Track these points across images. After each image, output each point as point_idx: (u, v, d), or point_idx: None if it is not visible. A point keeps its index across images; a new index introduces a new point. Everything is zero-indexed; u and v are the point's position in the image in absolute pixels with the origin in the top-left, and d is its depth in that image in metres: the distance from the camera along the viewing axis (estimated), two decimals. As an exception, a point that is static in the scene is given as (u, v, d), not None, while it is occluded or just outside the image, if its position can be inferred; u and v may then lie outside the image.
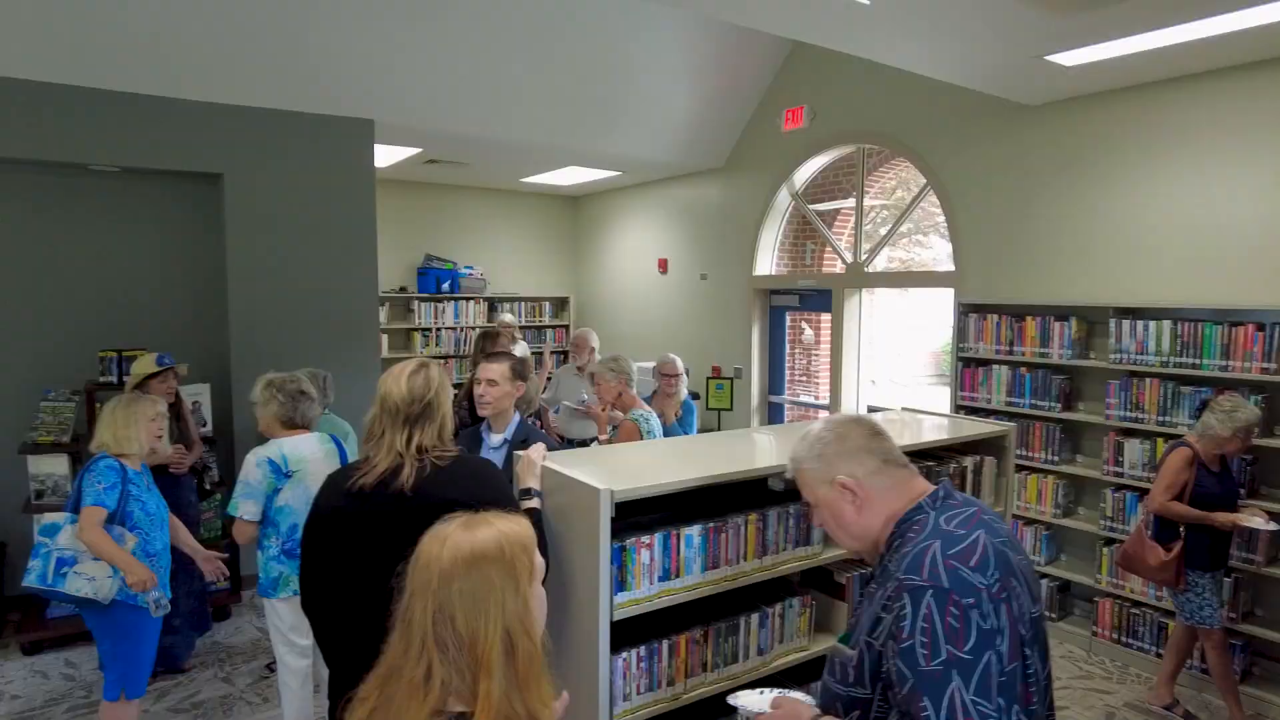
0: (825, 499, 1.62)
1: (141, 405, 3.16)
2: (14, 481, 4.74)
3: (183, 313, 5.50)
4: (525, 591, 1.29)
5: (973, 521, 1.48)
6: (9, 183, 5.00)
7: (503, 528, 1.32)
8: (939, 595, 1.36)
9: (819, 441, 1.64)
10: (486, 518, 1.34)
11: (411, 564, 1.31)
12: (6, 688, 4.14)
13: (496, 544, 1.29)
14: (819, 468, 1.63)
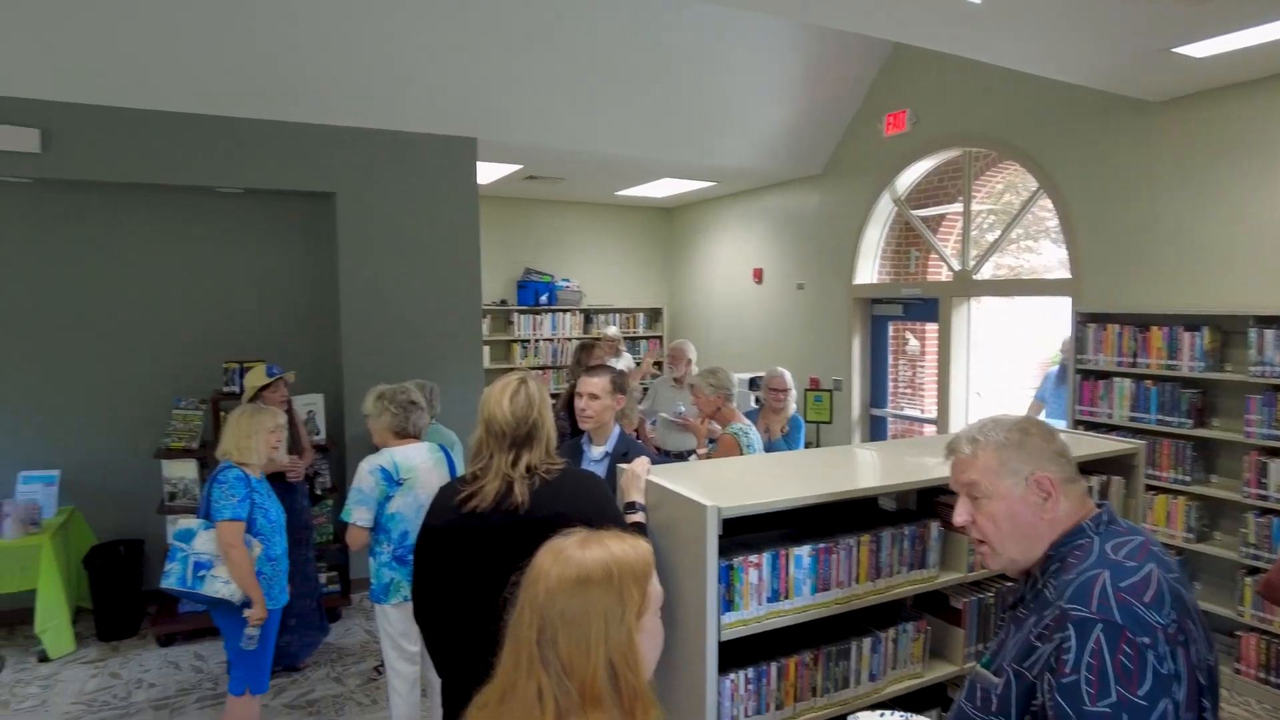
0: (1007, 493, 1.47)
1: (263, 417, 3.32)
2: (150, 484, 5.07)
3: (299, 326, 5.78)
4: (631, 623, 1.22)
5: (1143, 553, 1.37)
6: (146, 206, 5.36)
7: (617, 551, 1.26)
8: (1110, 630, 1.25)
9: (1023, 431, 1.51)
10: (604, 539, 1.28)
11: (527, 574, 1.28)
12: (144, 676, 4.42)
13: (605, 568, 1.23)
14: (1020, 456, 1.48)
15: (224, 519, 3.07)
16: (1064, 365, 5.78)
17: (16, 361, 5.11)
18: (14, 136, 4.62)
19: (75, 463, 5.12)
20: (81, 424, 5.20)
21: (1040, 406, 6.04)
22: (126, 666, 4.55)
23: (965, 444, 1.54)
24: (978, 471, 1.51)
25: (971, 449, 1.53)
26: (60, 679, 4.41)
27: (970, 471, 1.52)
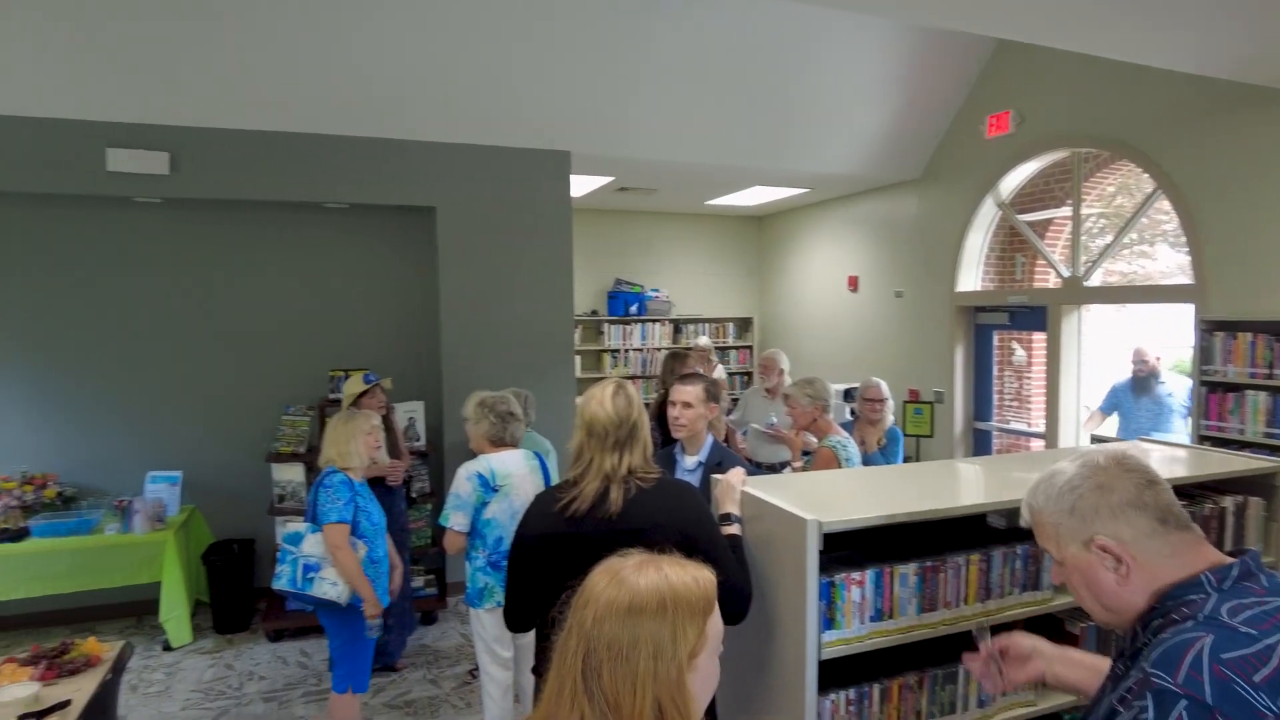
0: (1076, 561, 1.31)
1: (358, 421, 3.43)
2: (261, 486, 5.32)
3: (401, 335, 5.98)
4: (683, 661, 1.11)
5: (1272, 621, 1.12)
6: (261, 222, 5.66)
7: (675, 580, 1.15)
8: (1196, 711, 1.04)
9: (1072, 490, 1.32)
10: (662, 564, 1.18)
11: (578, 594, 1.19)
12: (255, 669, 4.64)
13: (659, 598, 1.12)
14: (1071, 524, 1.31)
15: (330, 522, 3.18)
16: (1136, 376, 5.46)
17: (147, 370, 5.46)
18: (147, 160, 4.95)
19: (195, 464, 5.42)
20: (201, 428, 5.51)
21: (1100, 419, 5.72)
22: (239, 659, 4.78)
23: (1025, 511, 1.41)
24: (1043, 540, 1.37)
25: (1030, 517, 1.40)
26: (181, 667, 4.67)
27: (1039, 538, 1.39)
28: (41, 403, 5.29)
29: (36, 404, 5.28)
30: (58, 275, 5.30)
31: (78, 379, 5.34)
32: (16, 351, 5.24)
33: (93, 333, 5.37)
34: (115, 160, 4.89)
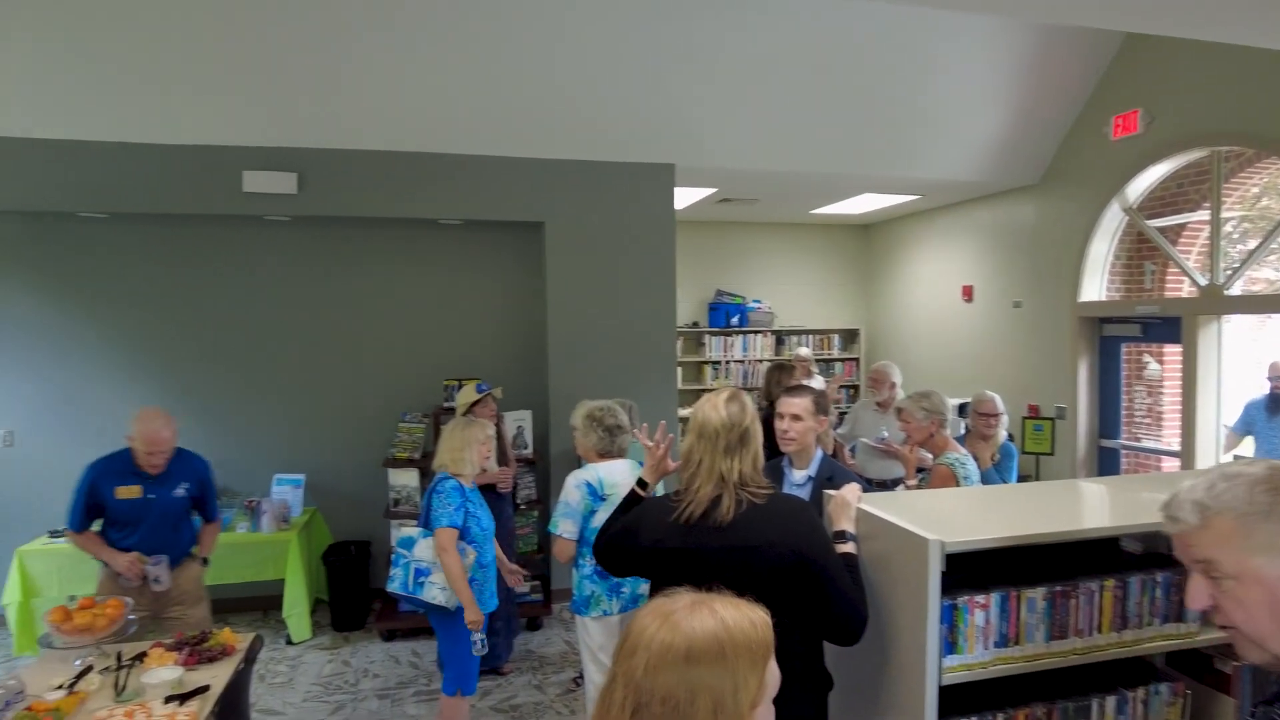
0: (1261, 575, 1.10)
1: (474, 430, 3.53)
2: (377, 490, 5.56)
3: (511, 346, 6.14)
4: (744, 713, 1.02)
5: None
6: (379, 238, 5.93)
7: (732, 622, 1.06)
8: None
9: (1269, 488, 1.12)
10: (715, 604, 1.08)
11: (624, 638, 1.09)
12: (370, 666, 4.83)
13: (717, 643, 1.04)
14: (1269, 528, 1.10)
15: (441, 526, 3.29)
16: (1275, 393, 5.06)
17: (274, 378, 5.80)
18: (276, 181, 5.28)
19: (317, 468, 5.71)
20: (323, 434, 5.80)
21: (1236, 440, 5.26)
22: (355, 656, 4.99)
23: (1190, 510, 1.17)
24: (1213, 547, 1.14)
25: (1200, 517, 1.15)
26: (303, 661, 4.91)
27: (1202, 546, 1.15)
28: (181, 407, 5.66)
29: (177, 409, 5.63)
30: (197, 289, 5.71)
31: (214, 386, 5.72)
32: (161, 360, 5.66)
33: (227, 342, 5.75)
34: (250, 181, 5.24)
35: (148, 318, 5.65)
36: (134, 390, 5.61)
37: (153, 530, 3.59)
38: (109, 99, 4.92)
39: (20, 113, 4.92)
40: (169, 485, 3.65)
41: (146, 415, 3.58)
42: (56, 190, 5.10)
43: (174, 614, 3.65)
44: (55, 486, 5.48)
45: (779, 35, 5.26)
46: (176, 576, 3.65)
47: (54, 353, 5.52)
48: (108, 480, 3.57)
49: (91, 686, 2.91)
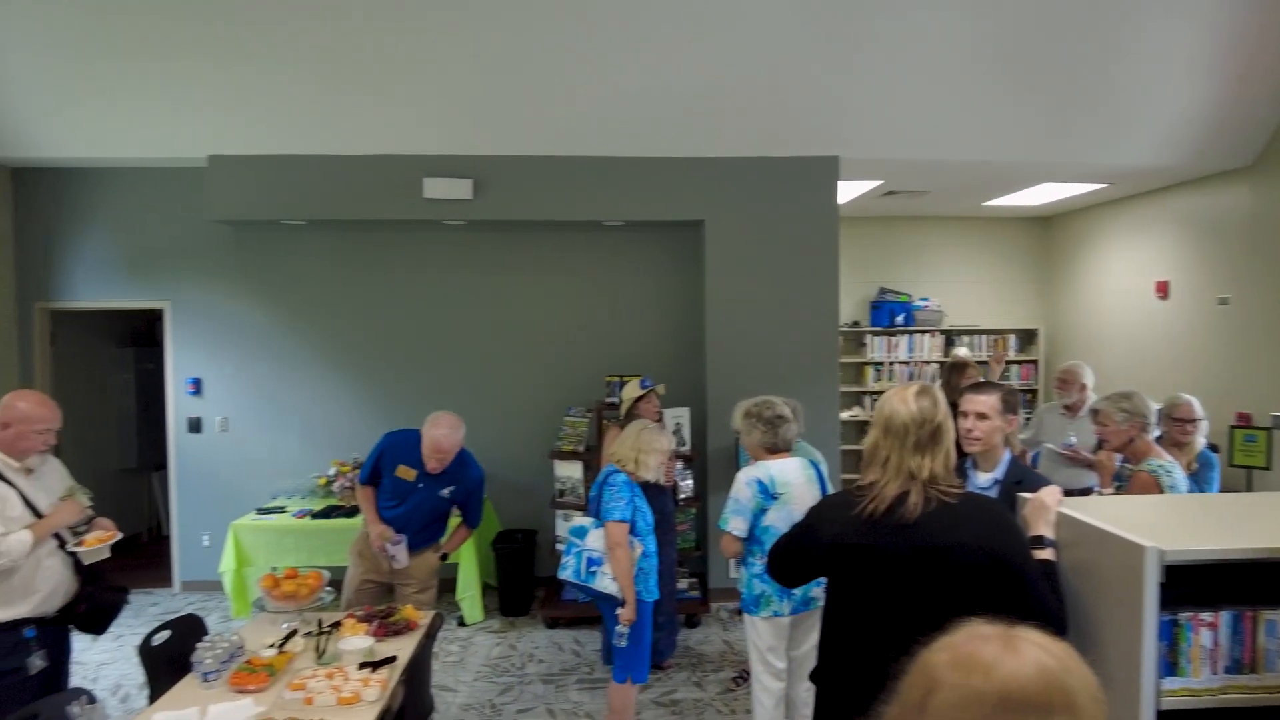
0: None
1: (660, 439, 3.59)
2: (543, 481, 5.77)
3: (670, 343, 6.20)
4: None
5: None
6: (547, 240, 6.15)
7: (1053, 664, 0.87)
8: None
9: None
10: (1024, 641, 0.90)
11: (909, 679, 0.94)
12: (535, 651, 5.01)
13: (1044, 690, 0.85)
14: None
15: (612, 519, 3.35)
16: None
17: (450, 374, 6.15)
18: (454, 187, 5.59)
19: (488, 458, 5.92)
20: (493, 426, 6.05)
21: None
22: (521, 641, 5.19)
23: None
24: None
25: None
26: (473, 642, 5.16)
27: None
28: (368, 400, 6.15)
29: (364, 401, 6.15)
30: (381, 291, 6.14)
31: (396, 381, 6.14)
32: (350, 357, 6.14)
33: (409, 340, 6.15)
34: (430, 188, 5.58)
35: (338, 317, 6.14)
36: (327, 384, 6.13)
37: (411, 513, 3.80)
38: (309, 116, 5.39)
39: (235, 133, 5.49)
40: (439, 484, 3.80)
41: (432, 421, 3.71)
42: (263, 200, 5.65)
43: (404, 591, 3.87)
44: (261, 469, 6.10)
45: (950, 13, 4.99)
46: (414, 559, 3.84)
47: (261, 349, 6.11)
48: (394, 455, 3.79)
49: (297, 648, 3.18)
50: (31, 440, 2.95)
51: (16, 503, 2.90)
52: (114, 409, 7.29)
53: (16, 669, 2.86)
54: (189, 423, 6.11)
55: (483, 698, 4.41)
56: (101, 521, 3.11)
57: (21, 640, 2.88)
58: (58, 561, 3.00)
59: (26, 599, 2.90)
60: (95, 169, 5.99)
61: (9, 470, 2.93)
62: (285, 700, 2.77)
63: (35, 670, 2.91)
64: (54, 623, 3.00)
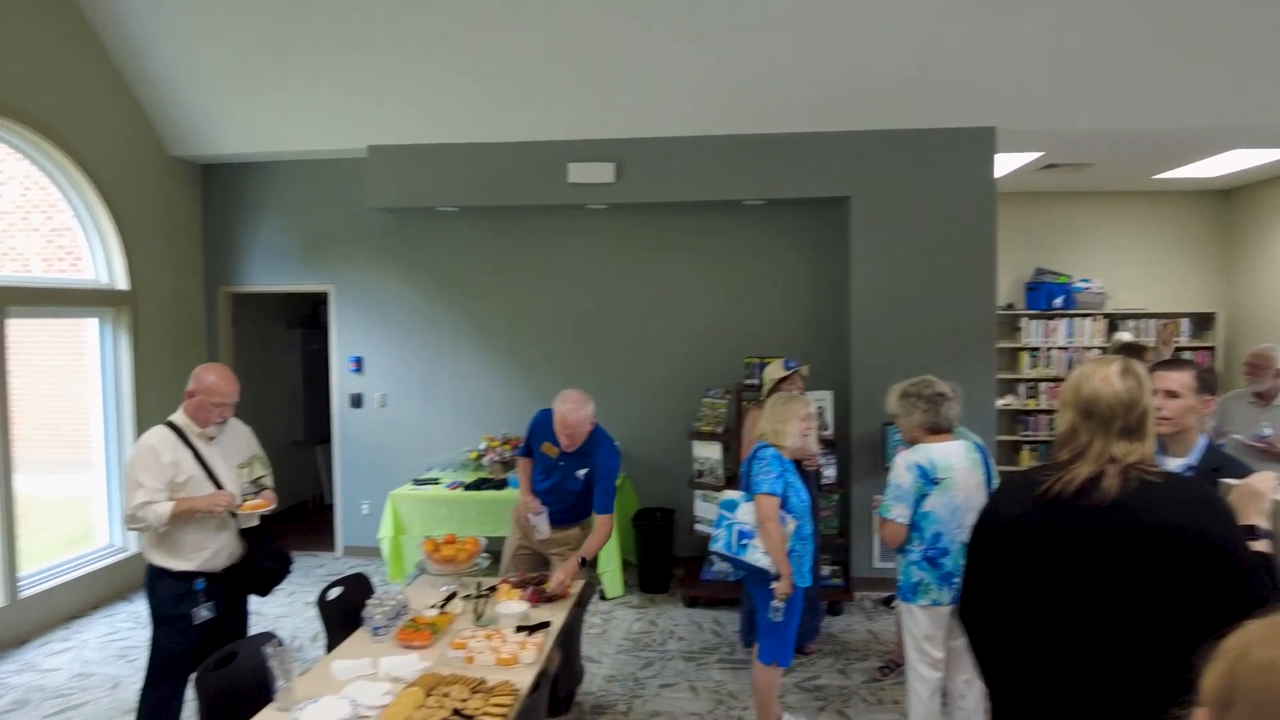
0: None
1: (797, 404, 3.51)
2: (681, 461, 5.79)
3: (812, 325, 6.07)
4: None
5: None
6: (686, 221, 6.14)
7: None
8: None
9: None
10: None
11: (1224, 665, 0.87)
12: (675, 629, 5.05)
13: None
14: None
15: (762, 492, 3.31)
16: None
17: (592, 355, 6.27)
18: (597, 171, 5.68)
19: (629, 438, 6.05)
20: (634, 406, 6.13)
21: None
22: (661, 617, 5.24)
23: None
24: None
25: None
26: (614, 616, 5.26)
27: None
28: (515, 379, 6.36)
29: (511, 380, 6.37)
30: (525, 274, 6.32)
31: (540, 360, 6.32)
32: (498, 337, 6.37)
33: (552, 321, 6.31)
34: (574, 173, 5.69)
35: (486, 299, 6.37)
36: (477, 363, 6.39)
37: (555, 488, 3.90)
38: (460, 106, 5.62)
39: (392, 124, 5.79)
40: (575, 464, 3.85)
41: (560, 398, 3.76)
42: (418, 188, 5.94)
43: (554, 561, 3.94)
44: (417, 443, 6.43)
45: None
46: (557, 533, 3.93)
47: (416, 329, 6.44)
48: (541, 432, 3.90)
49: (456, 610, 3.34)
50: (210, 411, 3.21)
51: (189, 466, 3.17)
52: (284, 386, 7.88)
53: (184, 615, 3.15)
54: (351, 399, 6.53)
55: (625, 670, 4.49)
56: (266, 494, 3.33)
57: (191, 591, 3.16)
58: (227, 524, 3.27)
59: (196, 554, 3.18)
60: (269, 163, 6.48)
61: (191, 434, 3.20)
62: (448, 658, 2.90)
63: (200, 620, 3.17)
64: (222, 580, 3.26)
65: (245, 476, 3.34)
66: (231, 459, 3.34)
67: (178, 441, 3.19)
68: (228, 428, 3.37)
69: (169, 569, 3.17)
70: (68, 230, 5.61)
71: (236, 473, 3.33)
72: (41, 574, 5.20)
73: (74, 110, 5.31)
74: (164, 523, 3.07)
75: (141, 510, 3.05)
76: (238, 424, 3.46)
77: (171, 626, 3.19)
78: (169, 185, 6.26)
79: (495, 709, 2.45)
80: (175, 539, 3.15)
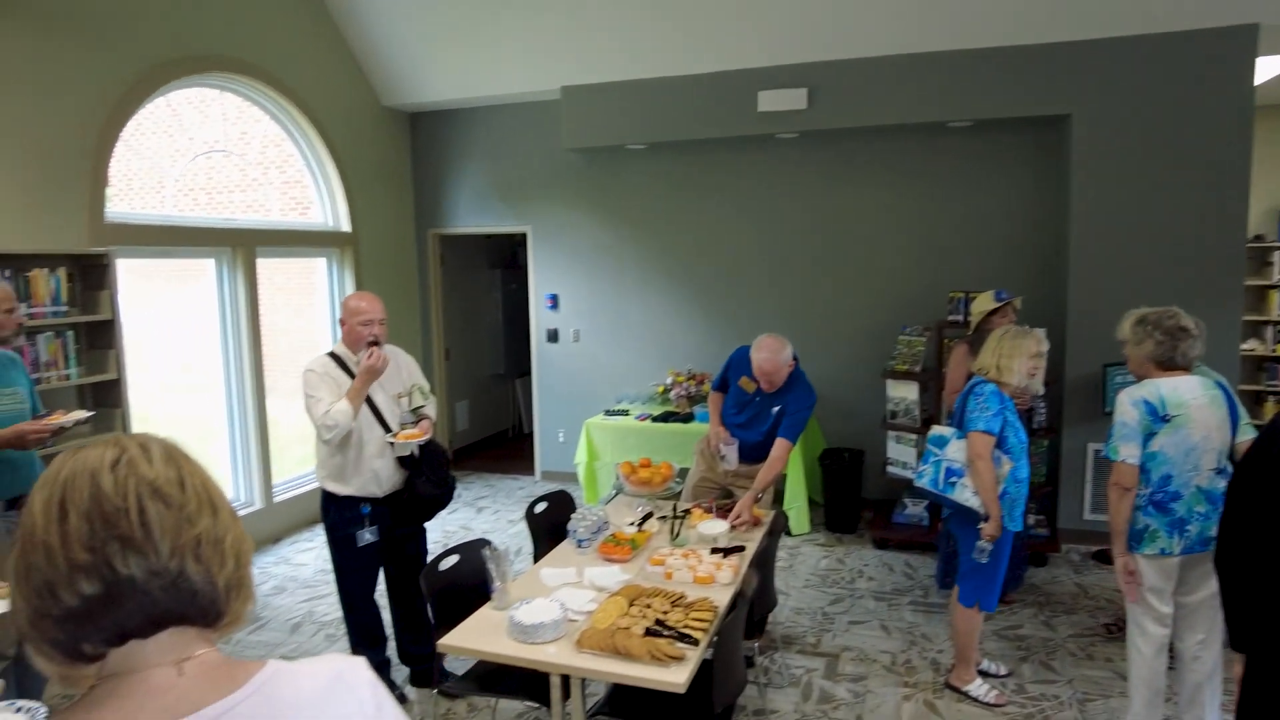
0: None
1: (1028, 340, 3.25)
2: (873, 401, 5.61)
3: (1020, 257, 5.59)
4: None
5: None
6: (881, 147, 5.81)
7: None
8: None
9: None
10: None
11: None
12: (864, 569, 4.97)
13: None
14: None
15: (976, 430, 3.13)
16: None
17: (781, 290, 6.16)
18: (788, 98, 5.50)
19: (816, 377, 5.85)
20: (824, 343, 5.97)
21: None
22: (849, 557, 5.16)
23: None
24: None
25: None
26: (800, 552, 5.25)
27: None
28: (702, 315, 6.40)
29: (699, 316, 6.41)
30: (713, 210, 6.27)
31: (727, 296, 6.30)
32: (686, 274, 6.40)
33: (740, 257, 6.25)
34: (765, 101, 5.54)
35: (674, 236, 6.40)
36: (665, 300, 6.48)
37: (748, 423, 3.94)
38: (649, 41, 5.62)
39: (584, 64, 5.88)
40: (770, 401, 3.85)
41: (755, 345, 3.75)
42: (609, 127, 6.02)
43: (739, 494, 4.00)
44: (607, 376, 6.67)
45: None
46: (742, 467, 3.95)
47: (607, 268, 6.61)
48: (740, 367, 3.94)
49: (653, 529, 3.45)
50: (357, 332, 3.29)
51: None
52: (486, 323, 8.40)
53: (350, 537, 3.34)
54: (547, 334, 6.85)
55: (813, 604, 4.48)
56: (423, 424, 3.39)
57: (357, 514, 3.34)
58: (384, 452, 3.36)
59: (357, 478, 3.32)
60: (470, 109, 6.81)
61: (349, 362, 3.34)
62: (647, 572, 3.02)
63: (364, 543, 3.34)
64: (386, 506, 3.39)
65: (404, 406, 3.40)
66: (391, 388, 3.40)
67: (337, 368, 3.32)
68: (392, 356, 3.42)
69: (336, 494, 3.33)
70: (297, 183, 6.21)
71: (395, 402, 3.40)
72: (289, 483, 5.95)
73: (301, 66, 5.81)
74: (352, 418, 3.21)
75: (327, 416, 3.17)
76: (401, 355, 3.52)
77: (343, 547, 3.38)
78: (383, 134, 6.74)
79: (696, 622, 2.52)
80: (340, 466, 3.31)
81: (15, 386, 3.17)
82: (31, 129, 4.11)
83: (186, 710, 0.82)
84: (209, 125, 5.55)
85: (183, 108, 5.34)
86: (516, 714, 3.43)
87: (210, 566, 0.85)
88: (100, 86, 4.44)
